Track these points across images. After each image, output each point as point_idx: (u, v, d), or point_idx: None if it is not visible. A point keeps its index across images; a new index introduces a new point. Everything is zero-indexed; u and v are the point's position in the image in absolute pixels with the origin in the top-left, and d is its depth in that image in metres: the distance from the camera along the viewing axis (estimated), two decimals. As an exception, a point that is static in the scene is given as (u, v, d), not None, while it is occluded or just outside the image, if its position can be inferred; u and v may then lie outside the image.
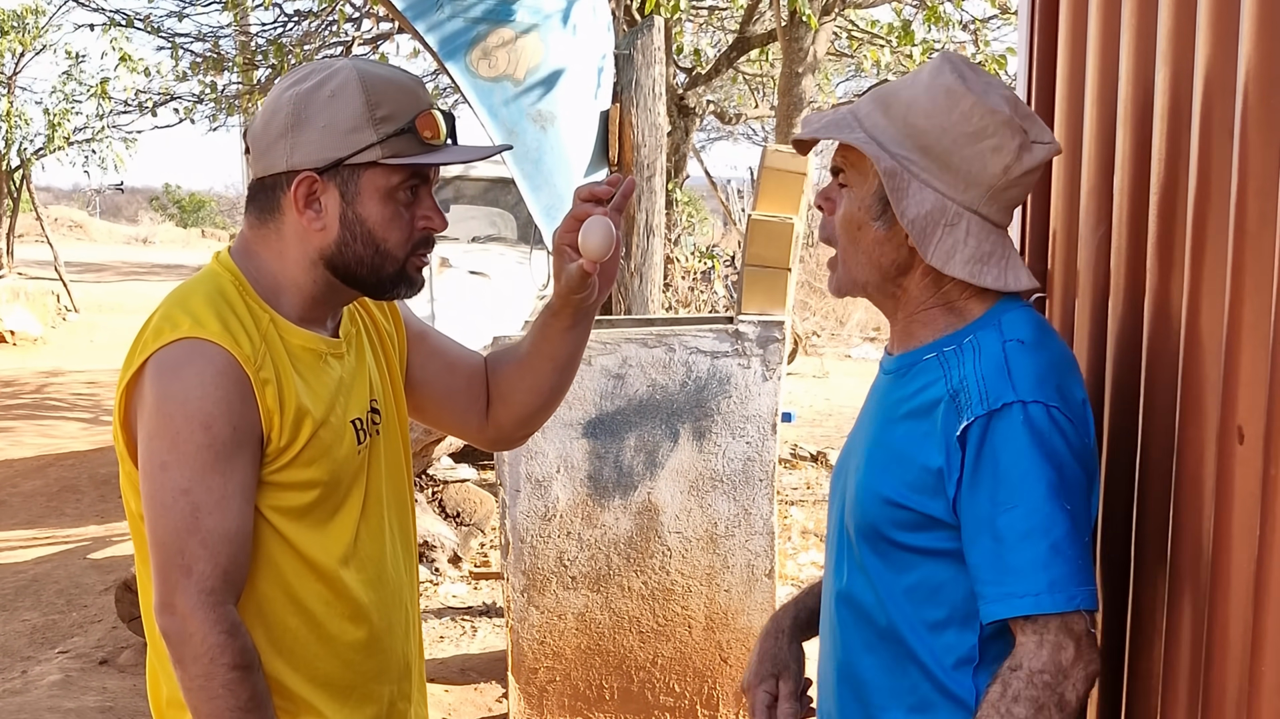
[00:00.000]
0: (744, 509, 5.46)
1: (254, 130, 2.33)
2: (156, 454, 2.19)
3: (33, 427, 13.89)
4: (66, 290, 22.31)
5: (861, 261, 2.23)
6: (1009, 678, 2.02)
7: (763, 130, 23.54)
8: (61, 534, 9.80)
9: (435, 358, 2.68)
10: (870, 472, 2.22)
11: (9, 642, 7.50)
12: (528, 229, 11.77)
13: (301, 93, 2.28)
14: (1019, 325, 2.16)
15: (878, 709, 2.28)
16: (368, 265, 2.31)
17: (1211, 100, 1.89)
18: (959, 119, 2.13)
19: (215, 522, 2.17)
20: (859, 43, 11.26)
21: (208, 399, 2.18)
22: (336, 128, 2.25)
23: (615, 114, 6.32)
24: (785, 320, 5.46)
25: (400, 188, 2.30)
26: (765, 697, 2.49)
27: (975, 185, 2.15)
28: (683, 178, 11.72)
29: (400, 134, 2.26)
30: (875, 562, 2.22)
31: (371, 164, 2.26)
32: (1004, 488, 2.04)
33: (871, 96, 2.24)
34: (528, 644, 5.52)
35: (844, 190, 2.23)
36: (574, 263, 2.41)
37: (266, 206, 2.33)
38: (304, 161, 2.26)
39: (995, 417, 2.05)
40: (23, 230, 30.18)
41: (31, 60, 23.34)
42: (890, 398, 2.27)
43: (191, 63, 12.16)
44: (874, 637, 2.26)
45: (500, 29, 5.75)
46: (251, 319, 2.27)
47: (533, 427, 2.75)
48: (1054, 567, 2.02)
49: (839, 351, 19.47)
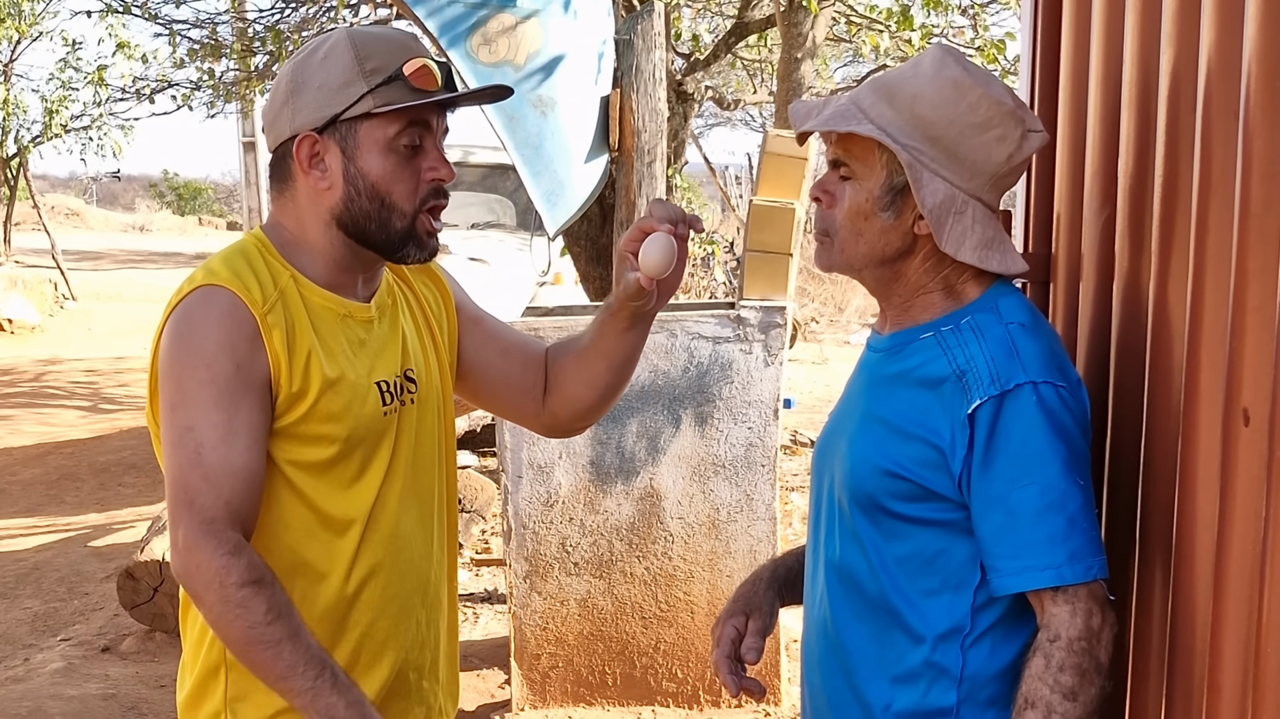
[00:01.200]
0: (746, 495, 5.47)
1: (264, 108, 2.42)
2: (167, 397, 2.23)
3: (31, 415, 13.89)
4: (64, 278, 22.28)
5: (862, 250, 2.27)
6: (1050, 649, 2.09)
7: (761, 116, 23.50)
8: (62, 522, 9.80)
9: (490, 343, 2.70)
10: (866, 444, 2.27)
11: (10, 630, 7.51)
12: (527, 215, 11.75)
13: (298, 61, 2.36)
14: (1016, 310, 2.23)
15: (862, 679, 2.32)
16: (376, 221, 2.34)
17: (1216, 82, 1.89)
18: (966, 110, 2.19)
19: (218, 457, 2.18)
20: (857, 28, 11.23)
21: (210, 339, 2.21)
22: (329, 85, 2.30)
23: (616, 99, 6.31)
24: (787, 306, 5.46)
25: (399, 138, 2.33)
26: (732, 631, 2.54)
27: (980, 174, 2.22)
28: (681, 164, 11.70)
29: (390, 82, 2.30)
30: (870, 531, 2.27)
31: (367, 115, 2.30)
32: (1019, 465, 2.11)
33: (873, 88, 2.26)
34: (530, 630, 5.53)
35: (846, 183, 2.26)
36: (633, 273, 2.43)
37: (281, 176, 2.39)
38: (304, 124, 2.32)
39: (1008, 397, 2.11)
40: (20, 218, 30.13)
41: (28, 48, 23.32)
42: (883, 373, 2.32)
43: (189, 49, 12.11)
44: (864, 606, 2.30)
45: (501, 14, 5.73)
46: (269, 273, 2.31)
47: (590, 419, 2.77)
48: (1072, 539, 2.10)
49: (838, 338, 19.47)
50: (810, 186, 2.35)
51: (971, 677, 2.23)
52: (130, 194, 51.06)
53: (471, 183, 12.47)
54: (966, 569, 2.21)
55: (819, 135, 2.34)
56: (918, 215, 2.22)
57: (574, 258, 8.31)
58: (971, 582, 2.21)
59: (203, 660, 2.36)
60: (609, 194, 7.00)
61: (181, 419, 2.20)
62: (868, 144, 2.22)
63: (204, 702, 2.36)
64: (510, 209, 12.38)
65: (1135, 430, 2.26)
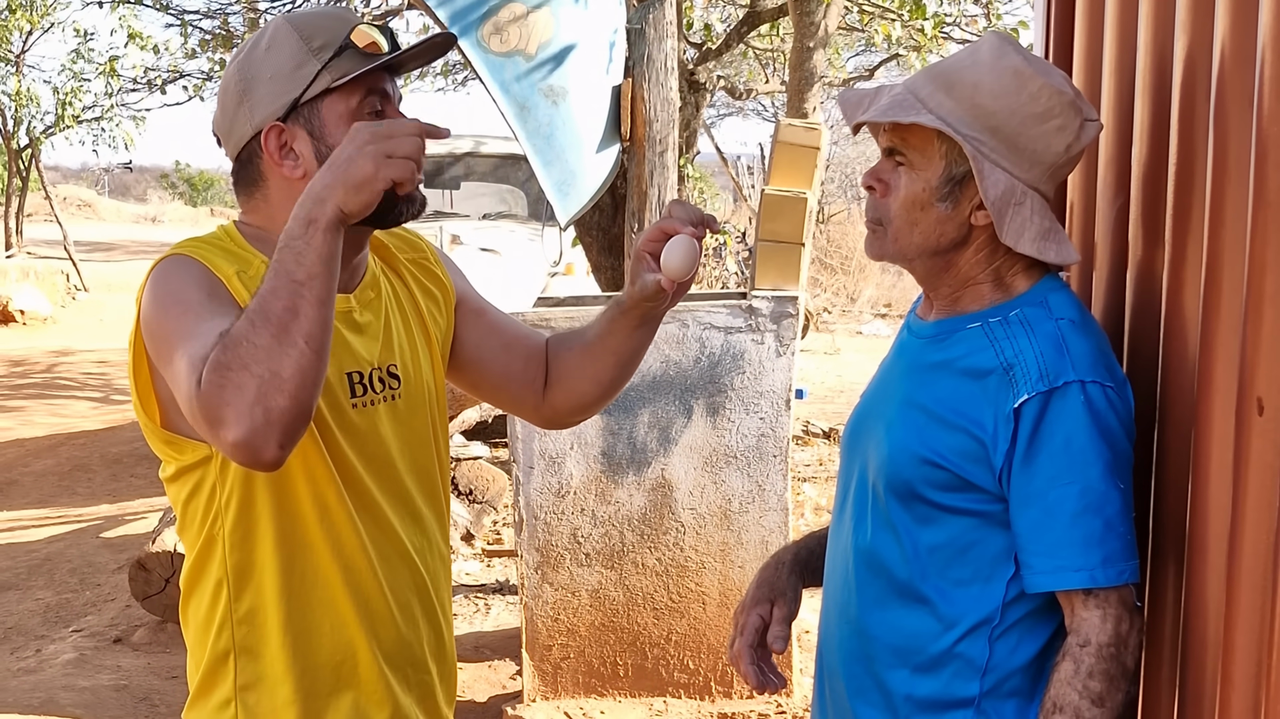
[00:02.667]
0: (758, 485, 5.46)
1: (215, 119, 2.37)
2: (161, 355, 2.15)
3: (43, 406, 13.93)
4: (76, 269, 22.35)
5: (916, 240, 2.26)
6: (1079, 654, 2.09)
7: (773, 105, 23.47)
8: (73, 513, 9.83)
9: (492, 335, 2.67)
10: (906, 431, 2.26)
11: (23, 621, 7.53)
12: (539, 205, 11.76)
13: (240, 61, 2.32)
14: (1067, 305, 2.22)
15: (883, 667, 2.32)
16: None
17: (1230, 70, 1.88)
18: (1027, 100, 2.17)
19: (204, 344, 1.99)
20: (870, 17, 11.22)
21: (179, 282, 2.17)
22: (281, 72, 2.27)
23: (627, 89, 6.30)
24: (799, 295, 5.45)
25: (361, 107, 2.29)
26: (758, 619, 2.53)
27: (1039, 164, 2.20)
28: (693, 153, 11.69)
29: (340, 54, 2.27)
30: (904, 518, 2.26)
31: (326, 92, 2.27)
32: (1061, 464, 2.10)
33: (929, 77, 2.25)
34: (541, 621, 5.53)
35: (901, 170, 2.25)
36: (651, 274, 2.40)
37: (249, 179, 2.35)
38: (265, 117, 2.28)
39: (1055, 394, 2.11)
40: (31, 210, 30.21)
41: (39, 39, 23.38)
42: (926, 359, 2.31)
43: (200, 40, 12.13)
44: (891, 593, 2.29)
45: (512, 4, 5.73)
46: (236, 259, 2.27)
47: (589, 413, 2.75)
48: (1108, 543, 2.09)
49: (850, 328, 19.47)
50: (863, 176, 2.33)
51: (995, 668, 2.22)
52: (142, 185, 51.21)
53: (483, 173, 12.49)
54: (1000, 561, 2.20)
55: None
56: (975, 206, 2.21)
57: (585, 248, 8.30)
58: (1004, 574, 2.20)
59: (210, 649, 2.34)
60: (620, 184, 6.99)
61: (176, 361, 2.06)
62: (926, 134, 2.20)
63: (214, 690, 2.35)
64: (522, 199, 12.39)
65: (1149, 419, 2.25)
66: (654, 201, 6.54)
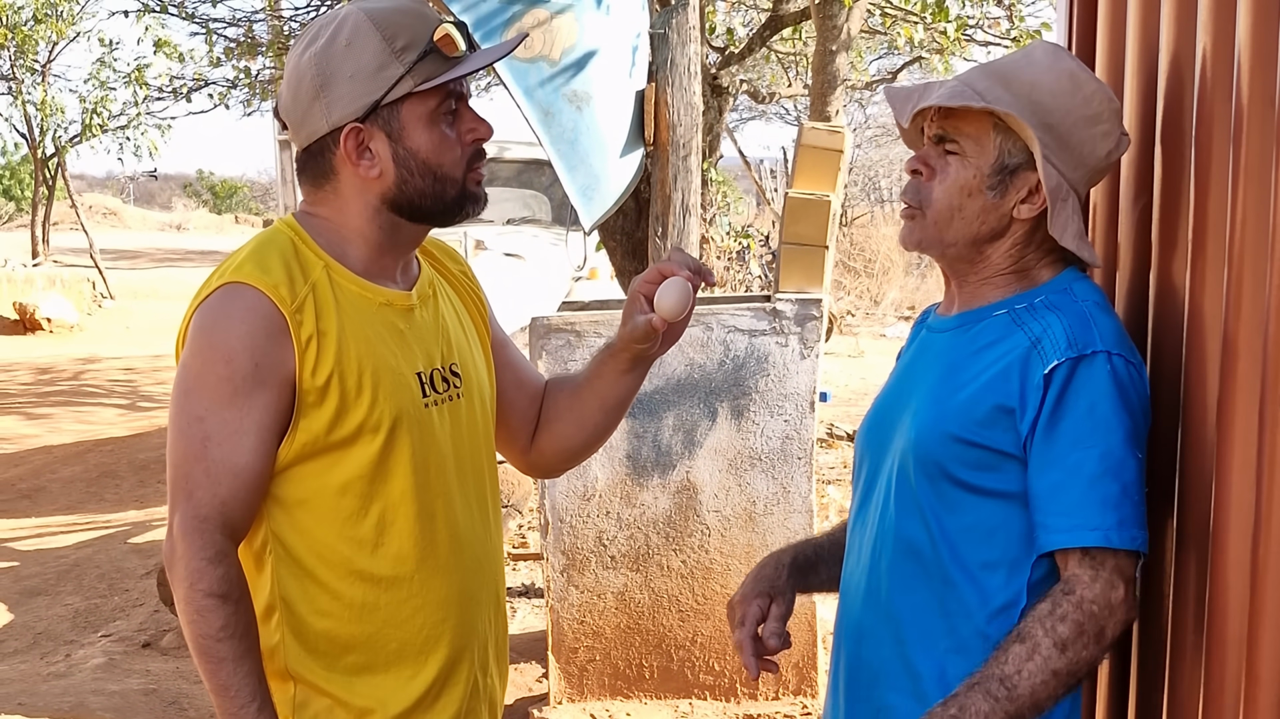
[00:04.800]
0: (783, 488, 5.47)
1: (284, 104, 2.36)
2: (181, 382, 2.23)
3: (70, 413, 13.99)
4: (102, 277, 22.44)
5: (959, 226, 2.31)
6: (1060, 598, 2.13)
7: (795, 109, 23.46)
8: (101, 519, 9.87)
9: (509, 369, 2.69)
10: (936, 411, 2.29)
11: (52, 626, 7.56)
12: (562, 211, 11.76)
13: (318, 51, 2.30)
14: (1090, 291, 2.29)
15: (914, 650, 2.34)
16: (430, 195, 2.33)
17: (1251, 72, 1.89)
18: (1081, 102, 2.25)
19: (223, 453, 2.19)
20: (892, 20, 11.21)
21: (232, 333, 2.20)
22: (363, 72, 2.27)
23: (651, 94, 6.31)
24: (823, 298, 5.46)
25: (440, 109, 2.32)
26: (757, 611, 2.57)
27: (1083, 165, 2.27)
28: (716, 157, 11.69)
29: (424, 57, 2.28)
30: (933, 500, 2.28)
31: (407, 95, 2.28)
32: (1085, 428, 2.15)
33: (984, 73, 2.30)
34: (567, 624, 5.54)
35: (952, 158, 2.29)
36: (644, 315, 2.44)
37: (319, 172, 2.35)
38: (344, 116, 2.28)
39: (1083, 362, 2.16)
40: (58, 218, 30.35)
41: (65, 48, 23.47)
42: (951, 348, 2.35)
43: (225, 48, 12.18)
44: (921, 576, 2.32)
45: (535, 9, 5.74)
46: (299, 266, 2.28)
47: (575, 460, 2.77)
48: (1123, 507, 2.13)
49: (874, 331, 19.45)
50: (907, 160, 2.37)
51: None
52: (167, 193, 51.37)
53: (507, 178, 12.48)
54: (1027, 542, 2.23)
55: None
56: (1020, 199, 2.26)
57: (609, 252, 8.30)
58: (1030, 556, 2.23)
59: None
60: (644, 188, 6.99)
61: (193, 407, 2.21)
62: (983, 123, 2.26)
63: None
64: (545, 204, 12.39)
65: (1172, 419, 2.26)
66: (678, 206, 6.55)
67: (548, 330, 5.41)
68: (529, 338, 5.44)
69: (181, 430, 2.22)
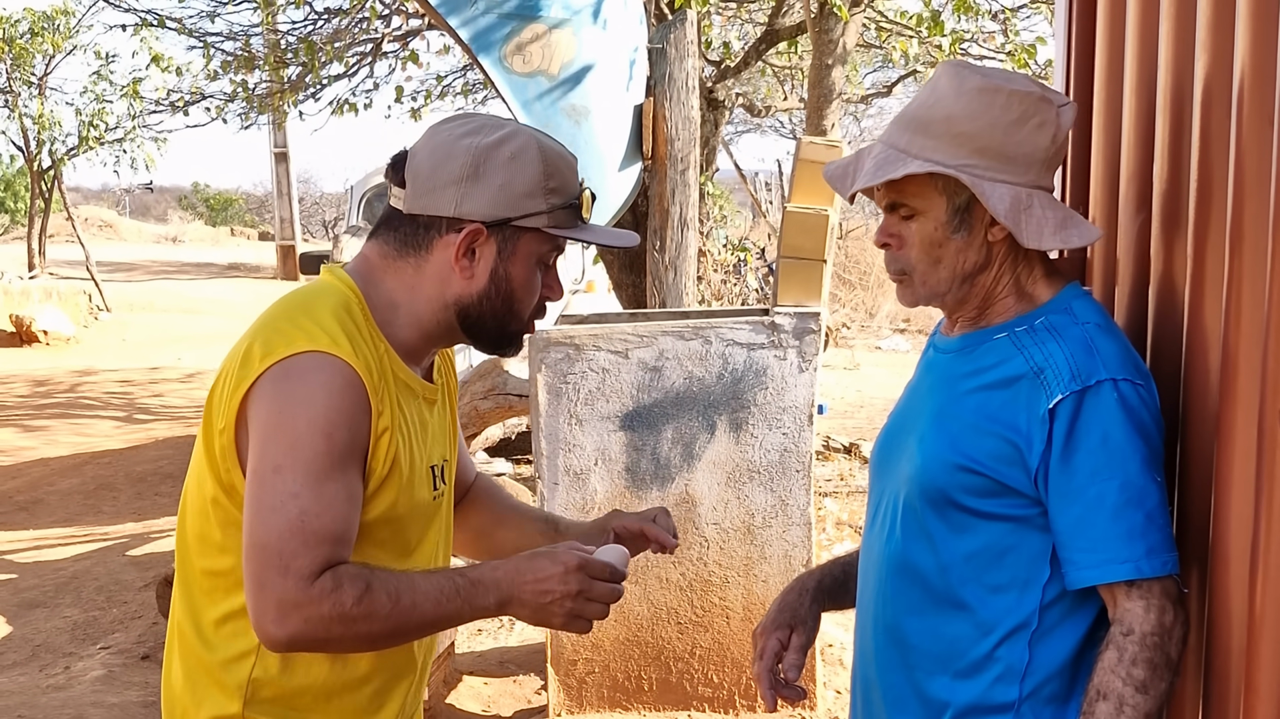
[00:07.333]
0: (781, 500, 5.48)
1: (418, 167, 2.35)
2: (270, 458, 2.18)
3: (67, 425, 13.98)
4: (98, 289, 22.43)
5: (944, 275, 2.33)
6: (1123, 643, 2.13)
7: (791, 122, 23.50)
8: (99, 531, 9.87)
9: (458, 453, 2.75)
10: (939, 440, 2.30)
11: (51, 638, 7.56)
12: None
13: (481, 146, 2.31)
14: (1090, 311, 2.29)
15: (923, 674, 2.35)
16: (498, 320, 2.37)
17: (1250, 87, 1.90)
18: (1001, 111, 2.24)
19: (321, 524, 2.16)
20: (888, 34, 11.23)
21: (332, 408, 2.19)
22: (513, 189, 2.30)
23: (649, 108, 6.34)
24: (821, 312, 5.48)
25: (546, 255, 2.38)
26: (776, 644, 2.59)
27: (1033, 164, 2.26)
28: (712, 170, 11.71)
29: (564, 207, 2.34)
30: (939, 526, 2.30)
31: (533, 229, 2.33)
32: (1100, 460, 2.15)
33: (901, 126, 2.32)
34: (566, 636, 5.55)
35: (909, 222, 2.32)
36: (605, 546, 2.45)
37: (414, 242, 2.35)
38: (473, 213, 2.30)
39: (1089, 393, 2.16)
40: (53, 230, 30.35)
41: (61, 61, 23.49)
42: (954, 372, 2.36)
43: (222, 62, 12.18)
44: (928, 601, 2.33)
45: (533, 24, 5.77)
46: (367, 342, 2.29)
47: None
48: (1150, 534, 2.14)
49: (869, 343, 19.47)
50: (875, 233, 2.39)
51: (1035, 672, 2.26)
52: (162, 205, 51.34)
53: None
54: (1036, 565, 2.24)
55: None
56: (987, 224, 2.27)
57: (607, 265, 8.33)
58: (1040, 578, 2.25)
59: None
60: (642, 202, 7.02)
61: (288, 484, 2.16)
62: (921, 179, 2.27)
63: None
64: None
65: (1171, 431, 2.28)
66: (675, 219, 6.58)
67: (547, 344, 5.42)
68: (528, 351, 5.45)
69: (274, 508, 2.16)
